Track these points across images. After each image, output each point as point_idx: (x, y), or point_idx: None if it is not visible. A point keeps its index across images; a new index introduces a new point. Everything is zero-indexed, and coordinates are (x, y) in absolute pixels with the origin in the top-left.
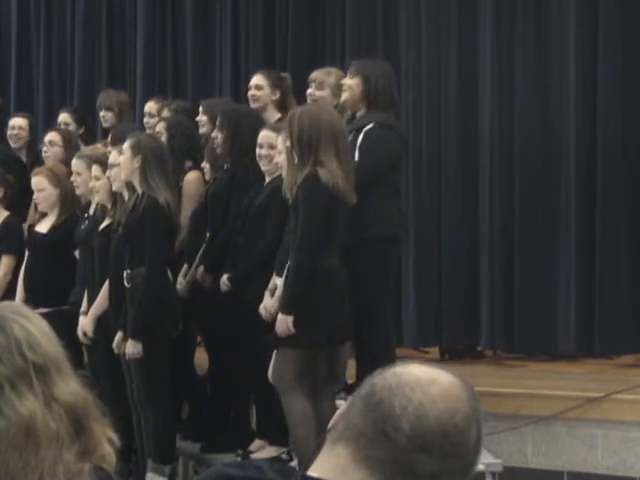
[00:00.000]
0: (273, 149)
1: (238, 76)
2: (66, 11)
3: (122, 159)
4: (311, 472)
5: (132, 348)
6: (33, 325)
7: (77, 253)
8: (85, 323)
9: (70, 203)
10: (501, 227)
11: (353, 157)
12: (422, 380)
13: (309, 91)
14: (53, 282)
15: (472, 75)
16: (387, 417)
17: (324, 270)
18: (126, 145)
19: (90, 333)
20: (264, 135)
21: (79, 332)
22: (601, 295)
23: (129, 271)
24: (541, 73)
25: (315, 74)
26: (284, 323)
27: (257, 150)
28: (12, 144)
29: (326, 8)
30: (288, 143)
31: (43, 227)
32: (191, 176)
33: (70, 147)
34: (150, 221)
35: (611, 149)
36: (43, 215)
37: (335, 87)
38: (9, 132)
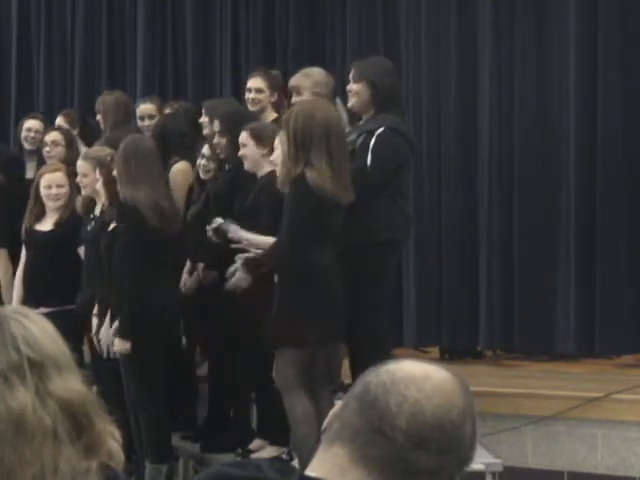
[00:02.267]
0: (244, 147)
1: (238, 76)
2: (66, 11)
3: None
4: (309, 472)
5: (118, 346)
6: (34, 324)
7: (82, 253)
8: (104, 332)
9: (73, 202)
10: (501, 227)
11: (364, 157)
12: (416, 376)
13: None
14: (56, 281)
15: (472, 75)
16: (383, 415)
17: (316, 269)
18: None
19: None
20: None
21: (94, 337)
22: (601, 295)
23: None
24: (541, 72)
25: (292, 80)
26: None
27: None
28: (27, 146)
29: (326, 8)
30: (286, 142)
31: (45, 225)
32: (177, 167)
33: (71, 147)
34: (120, 222)
35: (611, 149)
36: (39, 216)
37: (315, 86)
38: (25, 134)
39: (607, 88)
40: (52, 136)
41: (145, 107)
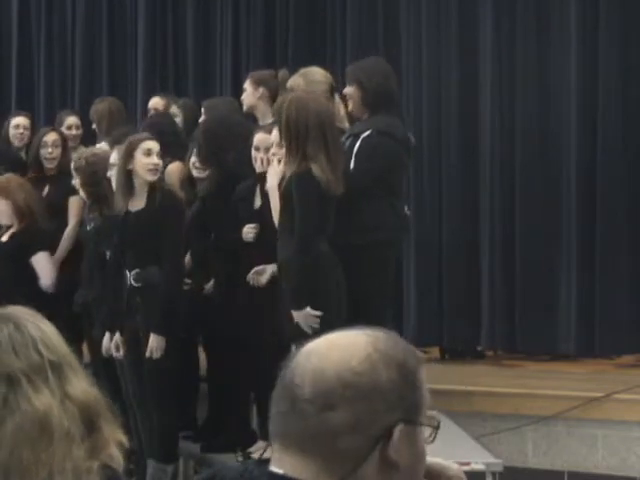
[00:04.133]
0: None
1: (238, 75)
2: (66, 11)
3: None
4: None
5: (156, 342)
6: (45, 326)
7: (35, 263)
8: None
9: (24, 212)
10: (501, 227)
11: (348, 161)
12: (319, 345)
13: None
14: (15, 293)
15: (472, 75)
16: (292, 395)
17: (324, 259)
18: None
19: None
20: (260, 138)
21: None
22: (601, 295)
23: (138, 270)
24: (542, 72)
25: (289, 81)
26: (304, 317)
27: (253, 152)
28: (16, 143)
29: (327, 8)
30: (276, 133)
31: (5, 236)
32: (171, 167)
33: (66, 150)
34: (170, 217)
35: (612, 148)
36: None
37: (309, 85)
38: (13, 131)
39: (607, 89)
40: (53, 136)
41: (153, 101)
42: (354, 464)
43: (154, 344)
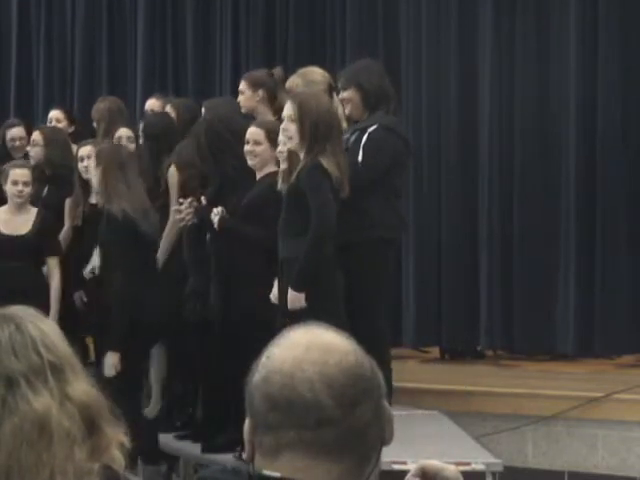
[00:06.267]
0: (258, 145)
1: (238, 76)
2: (66, 11)
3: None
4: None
5: (110, 359)
6: (46, 326)
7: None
8: None
9: None
10: (501, 227)
11: (356, 155)
12: (297, 356)
13: None
14: None
15: (472, 75)
16: (308, 408)
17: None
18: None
19: None
20: (251, 131)
21: None
22: (601, 295)
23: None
24: (541, 73)
25: (287, 82)
26: (296, 300)
27: (245, 146)
28: (15, 154)
29: (326, 8)
30: (297, 132)
31: None
32: (173, 168)
33: (52, 146)
34: (106, 233)
35: (611, 148)
36: None
37: (308, 85)
38: (10, 144)
39: (607, 89)
40: (33, 135)
41: (149, 102)
42: (378, 454)
43: (107, 360)
